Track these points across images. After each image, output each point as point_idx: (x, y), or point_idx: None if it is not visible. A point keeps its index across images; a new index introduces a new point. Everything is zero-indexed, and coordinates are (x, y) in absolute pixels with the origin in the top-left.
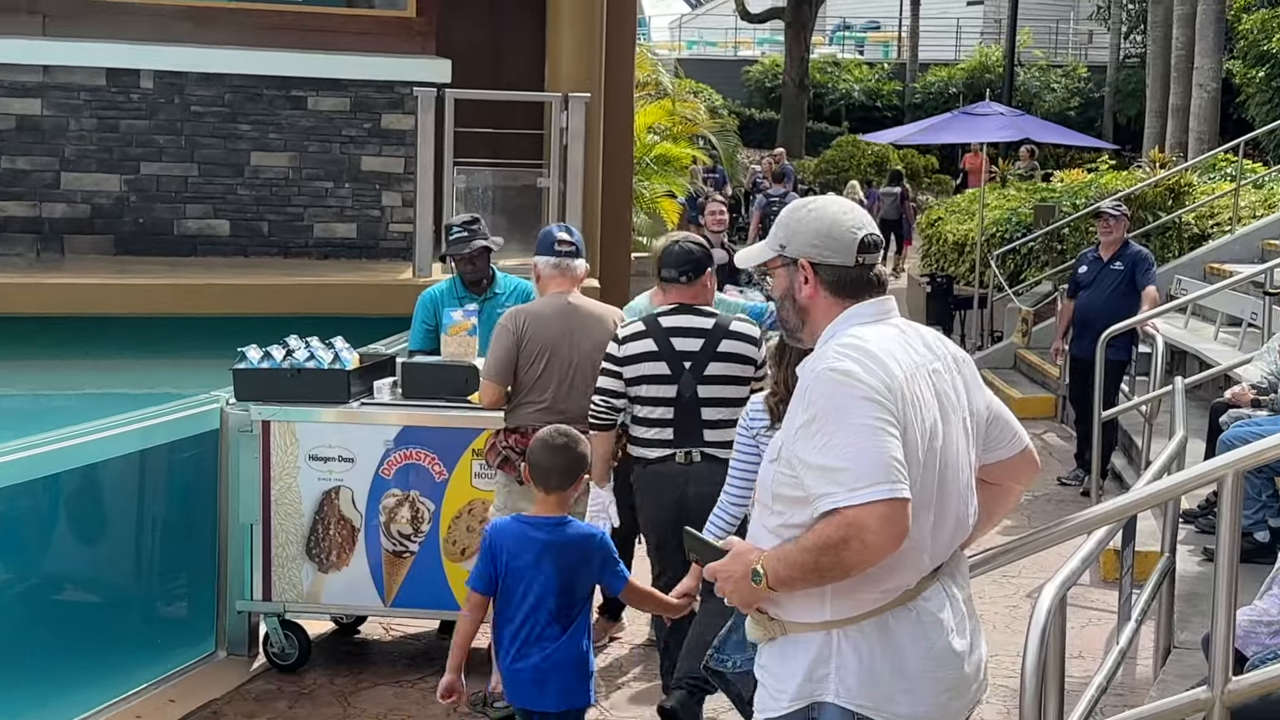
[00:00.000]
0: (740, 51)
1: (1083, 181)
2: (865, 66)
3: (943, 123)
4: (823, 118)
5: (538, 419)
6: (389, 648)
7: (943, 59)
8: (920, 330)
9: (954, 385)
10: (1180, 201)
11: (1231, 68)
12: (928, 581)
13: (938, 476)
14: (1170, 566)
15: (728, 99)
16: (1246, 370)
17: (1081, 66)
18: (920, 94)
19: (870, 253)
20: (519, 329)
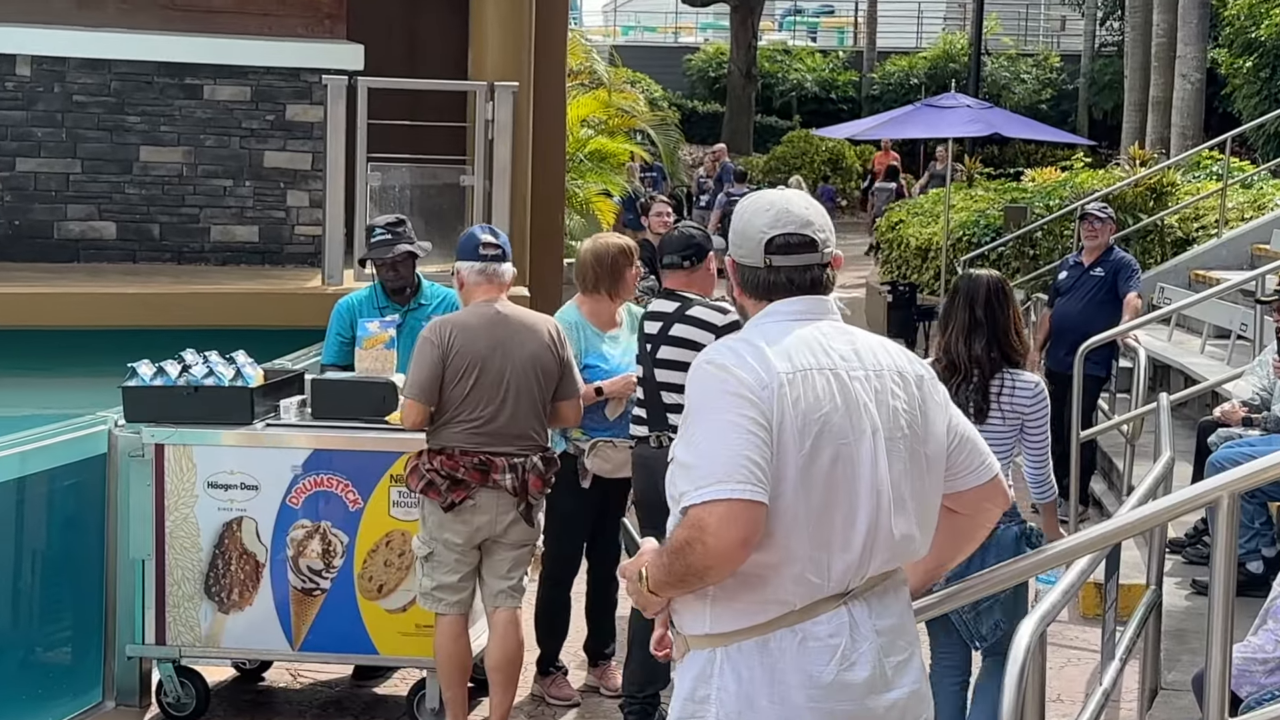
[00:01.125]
0: (681, 38)
1: (1056, 181)
2: (819, 55)
3: (904, 116)
4: (772, 110)
5: (467, 440)
6: (297, 696)
7: (903, 47)
8: (857, 337)
9: (886, 399)
10: (1162, 203)
11: (1217, 57)
12: (826, 604)
13: (826, 487)
14: (1156, 600)
15: (668, 90)
16: (1236, 386)
17: (1054, 56)
18: (879, 85)
19: (784, 253)
20: (444, 342)
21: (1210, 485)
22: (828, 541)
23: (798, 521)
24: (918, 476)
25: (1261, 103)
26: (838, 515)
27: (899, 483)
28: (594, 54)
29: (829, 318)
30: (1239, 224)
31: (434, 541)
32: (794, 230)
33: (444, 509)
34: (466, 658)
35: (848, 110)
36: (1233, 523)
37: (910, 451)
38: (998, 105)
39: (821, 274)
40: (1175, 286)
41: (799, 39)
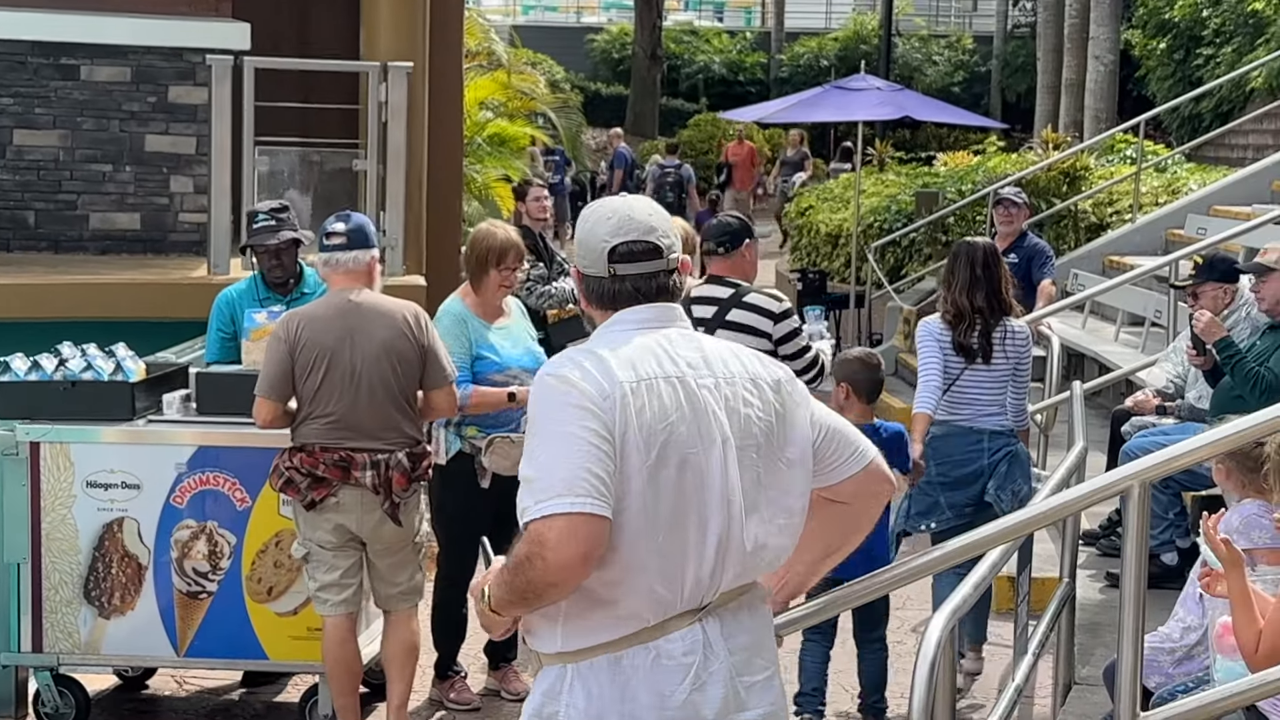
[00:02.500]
0: (584, 18)
1: (969, 165)
2: (726, 36)
3: (813, 99)
4: (678, 93)
5: (324, 435)
6: (183, 704)
7: (813, 28)
8: (705, 344)
9: (737, 406)
10: (1076, 187)
11: (1130, 38)
12: (679, 621)
13: (674, 498)
14: (1070, 594)
15: (571, 71)
16: (1150, 374)
17: (967, 37)
18: (788, 67)
19: (628, 261)
20: (291, 336)
21: (1121, 475)
22: (679, 554)
23: (645, 534)
24: (775, 484)
25: (1175, 85)
26: (688, 527)
27: (751, 491)
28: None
29: (676, 325)
30: (1153, 209)
31: (308, 541)
32: (637, 237)
33: (306, 507)
34: (356, 662)
35: (756, 93)
36: (1144, 512)
37: (766, 459)
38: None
39: (668, 280)
40: (1089, 273)
41: (705, 19)
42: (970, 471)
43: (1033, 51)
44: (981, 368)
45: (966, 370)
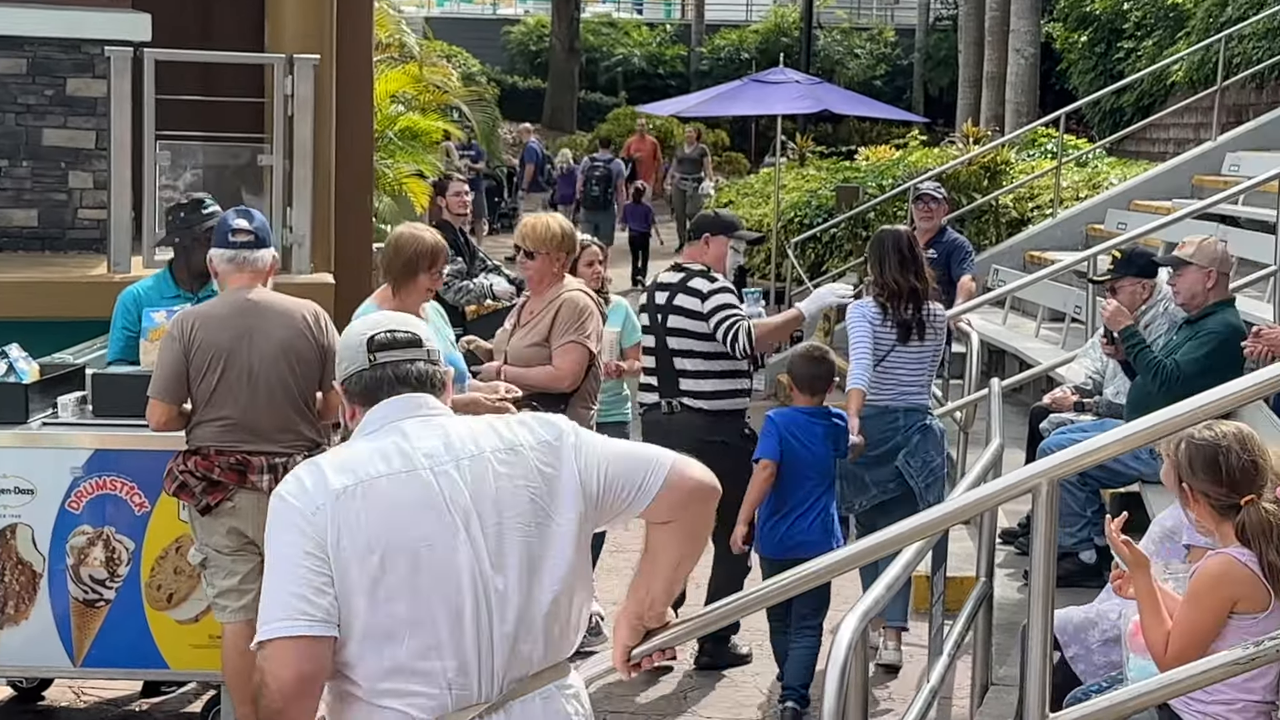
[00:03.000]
0: (500, 10)
1: (890, 160)
2: (645, 28)
3: (731, 92)
4: (597, 87)
5: (220, 438)
6: (81, 715)
7: (733, 20)
8: (451, 427)
9: (487, 482)
10: (997, 182)
11: (1052, 31)
12: (460, 715)
13: (410, 598)
14: (987, 593)
15: (486, 64)
16: (1069, 370)
17: (888, 30)
18: (708, 60)
19: (388, 350)
20: (185, 335)
21: (1030, 471)
22: (435, 653)
23: (386, 640)
24: (554, 544)
25: (1097, 78)
26: (438, 623)
27: (528, 560)
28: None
29: (420, 414)
30: (1074, 204)
31: (205, 547)
32: (396, 328)
33: (200, 511)
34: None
35: (676, 86)
36: (1052, 510)
37: (540, 524)
38: (831, 81)
39: (429, 369)
40: (1010, 268)
41: (624, 11)
42: (889, 448)
43: (955, 44)
44: (908, 348)
45: (894, 350)
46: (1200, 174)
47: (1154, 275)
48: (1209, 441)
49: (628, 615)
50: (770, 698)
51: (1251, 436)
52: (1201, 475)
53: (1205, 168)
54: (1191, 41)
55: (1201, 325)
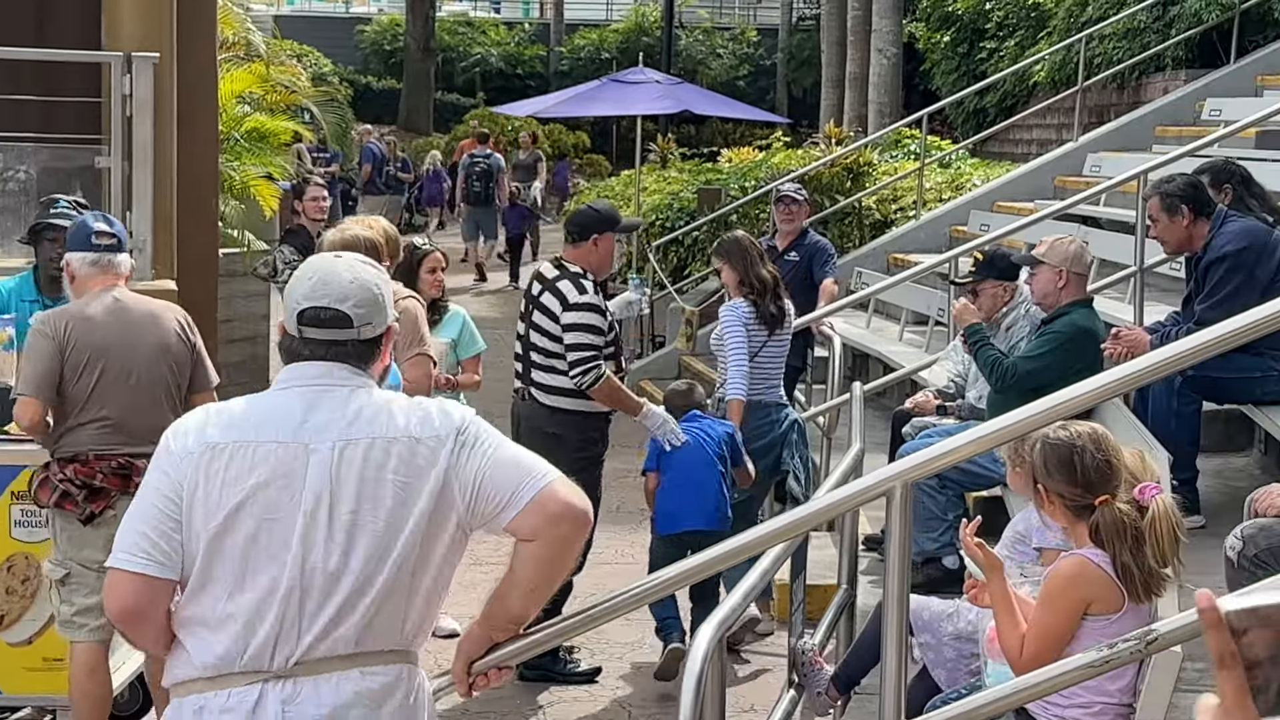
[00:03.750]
0: (353, 8)
1: (753, 161)
2: (503, 27)
3: (590, 93)
4: (454, 87)
5: (99, 441)
6: None
7: (593, 19)
8: (355, 403)
9: (356, 468)
10: (860, 183)
11: (914, 31)
12: (238, 679)
13: (240, 562)
14: (848, 600)
15: (339, 64)
16: (931, 373)
17: (751, 30)
18: (568, 60)
19: (315, 326)
20: (60, 334)
21: (884, 474)
22: (246, 615)
23: (207, 592)
24: (404, 540)
25: (960, 79)
26: (259, 590)
27: (355, 553)
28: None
29: (323, 383)
30: (937, 205)
31: (69, 561)
32: (327, 304)
33: (83, 521)
34: (105, 691)
35: (535, 86)
36: (906, 513)
37: (393, 517)
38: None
39: (360, 349)
40: (874, 271)
41: (482, 10)
42: (767, 442)
43: (818, 44)
44: (775, 341)
45: (765, 346)
46: (1062, 175)
47: (1015, 277)
48: (1064, 442)
49: (475, 630)
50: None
51: (1106, 436)
52: (1056, 475)
53: (1067, 168)
54: (1053, 41)
55: (1049, 326)
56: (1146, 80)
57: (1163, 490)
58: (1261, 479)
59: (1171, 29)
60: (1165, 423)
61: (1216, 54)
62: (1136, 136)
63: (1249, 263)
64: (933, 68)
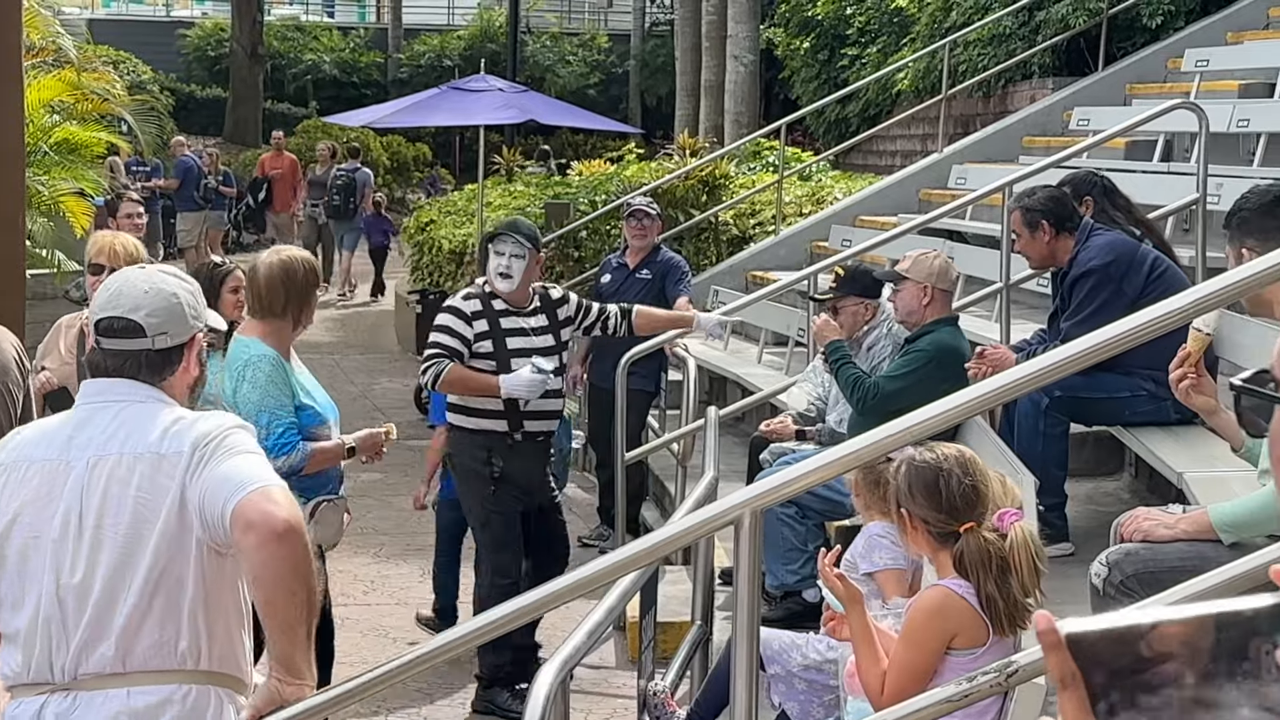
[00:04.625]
0: (175, 12)
1: (604, 174)
2: (337, 33)
3: (429, 101)
4: (285, 96)
5: None
6: None
7: (434, 24)
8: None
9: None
10: (716, 197)
11: (773, 37)
12: (28, 690)
13: (19, 579)
14: (702, 638)
15: (160, 71)
16: (790, 396)
17: (602, 35)
18: (407, 67)
19: (104, 335)
20: None
21: (731, 502)
22: (25, 631)
23: (3, 607)
24: (145, 558)
25: (821, 87)
26: (30, 607)
27: (99, 571)
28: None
29: (103, 400)
30: (797, 220)
31: None
32: (120, 314)
33: None
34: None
35: (372, 95)
36: (755, 542)
37: (134, 535)
38: (541, 90)
39: (154, 359)
40: (731, 289)
41: (314, 14)
42: None
43: (672, 51)
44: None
45: None
46: (927, 187)
47: (878, 294)
48: (929, 464)
49: (265, 683)
50: None
51: (974, 460)
52: (920, 500)
53: (932, 181)
54: (917, 48)
55: (913, 344)
56: (1013, 89)
57: (1023, 517)
58: (1132, 503)
59: (1038, 35)
60: (1032, 445)
61: (1085, 61)
62: (1003, 147)
63: (1116, 277)
64: (792, 75)
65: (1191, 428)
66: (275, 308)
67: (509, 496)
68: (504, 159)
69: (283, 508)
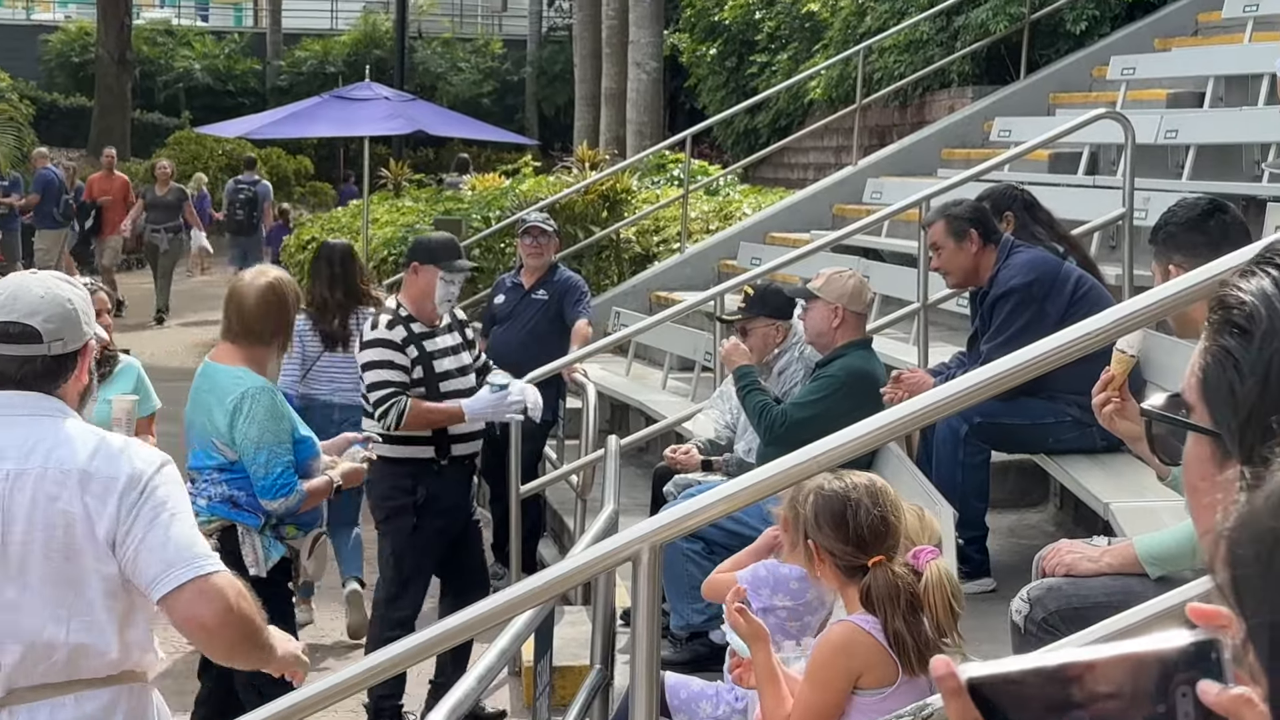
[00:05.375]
0: (36, 14)
1: (499, 188)
2: (210, 38)
3: (309, 111)
4: (155, 105)
5: None
6: None
7: (317, 29)
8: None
9: (30, 498)
10: (617, 213)
11: (678, 43)
12: None
13: None
14: (602, 682)
15: (19, 79)
16: (697, 424)
17: (497, 42)
18: (287, 75)
19: (4, 342)
20: None
21: (628, 537)
22: None
23: None
24: (78, 580)
25: (729, 96)
26: None
27: (45, 586)
28: None
29: (24, 415)
30: (704, 237)
31: None
32: (16, 319)
33: None
34: None
35: (250, 105)
36: (654, 579)
37: (67, 554)
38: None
39: (52, 365)
40: (633, 310)
41: (186, 17)
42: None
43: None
44: (339, 353)
45: (322, 356)
46: (841, 202)
47: (789, 315)
48: (837, 494)
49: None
50: None
51: (885, 490)
52: (827, 530)
53: (846, 195)
54: (829, 55)
55: (823, 369)
56: (931, 98)
57: (940, 555)
58: (1056, 536)
59: (957, 42)
60: (951, 475)
61: (1006, 69)
62: (921, 160)
63: (1038, 296)
64: (698, 84)
65: (1118, 455)
66: (263, 333)
67: (431, 529)
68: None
69: (212, 605)
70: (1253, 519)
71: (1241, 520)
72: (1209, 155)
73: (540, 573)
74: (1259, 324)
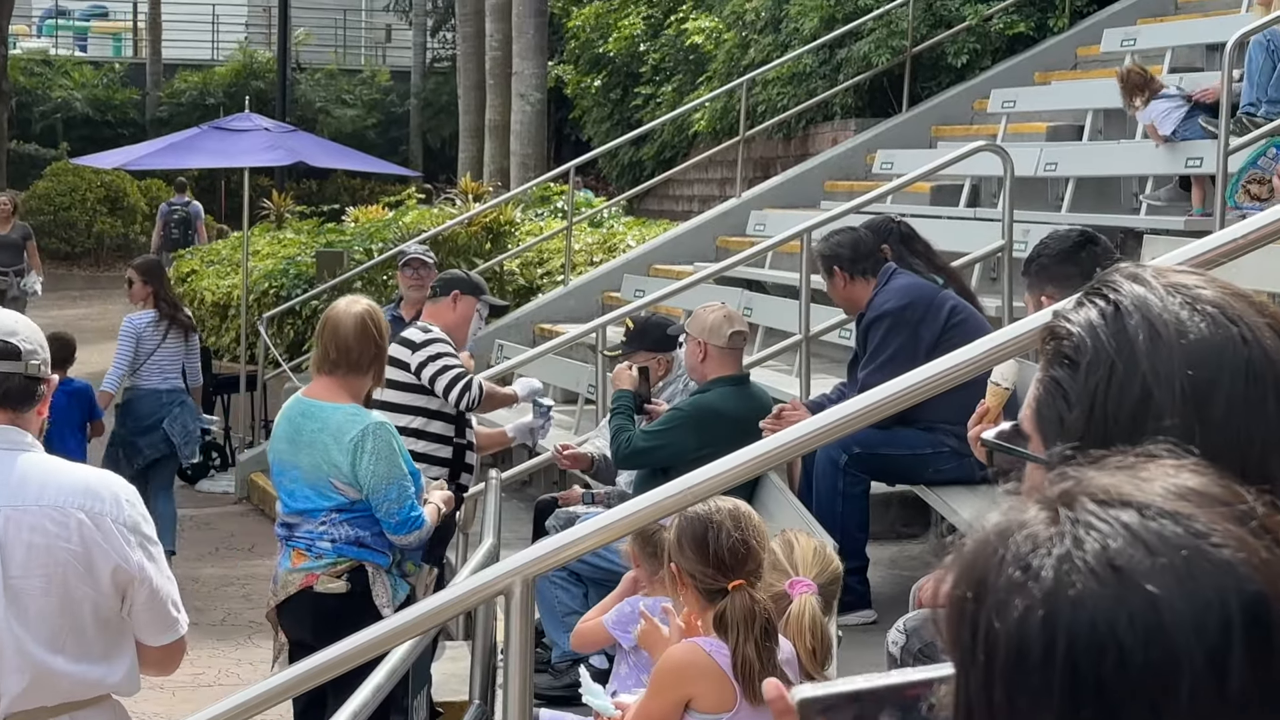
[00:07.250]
0: None
1: (382, 220)
2: (89, 68)
3: (187, 141)
4: (31, 136)
5: None
6: None
7: (197, 59)
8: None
9: (23, 535)
10: (501, 244)
11: (562, 74)
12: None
13: None
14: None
15: None
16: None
17: (383, 73)
18: (167, 106)
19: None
20: None
21: (500, 570)
22: None
23: None
24: (78, 612)
25: (614, 127)
26: None
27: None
28: None
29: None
30: (588, 269)
31: None
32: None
33: None
34: None
35: (129, 135)
36: (527, 613)
37: (67, 586)
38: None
39: (29, 386)
40: (516, 344)
41: (64, 47)
42: (156, 419)
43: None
44: (170, 344)
45: (160, 348)
46: (725, 234)
47: (670, 348)
48: (700, 517)
49: None
50: None
51: (749, 515)
52: (688, 552)
53: (730, 227)
54: (713, 87)
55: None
56: (814, 130)
57: (815, 589)
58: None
59: (840, 74)
60: (831, 506)
61: (888, 102)
62: (804, 192)
63: (912, 321)
64: (583, 115)
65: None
66: (363, 364)
67: None
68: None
69: (175, 662)
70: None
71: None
72: (1088, 187)
73: (412, 606)
74: (1084, 354)
